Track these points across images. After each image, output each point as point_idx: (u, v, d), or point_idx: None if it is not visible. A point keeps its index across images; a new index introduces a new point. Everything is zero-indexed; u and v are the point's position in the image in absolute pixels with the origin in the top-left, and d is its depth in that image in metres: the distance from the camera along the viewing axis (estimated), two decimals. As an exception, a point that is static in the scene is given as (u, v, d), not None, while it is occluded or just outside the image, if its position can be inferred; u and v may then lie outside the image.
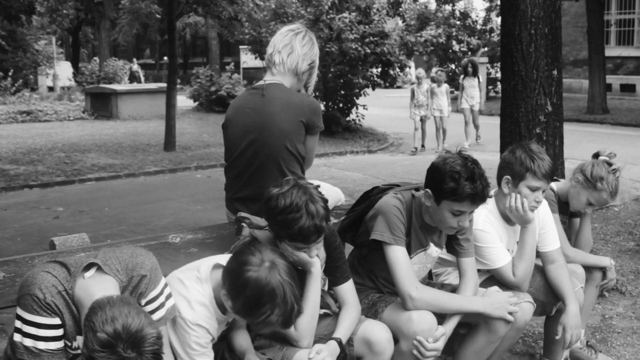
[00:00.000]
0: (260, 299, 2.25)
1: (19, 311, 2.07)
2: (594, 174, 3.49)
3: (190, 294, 2.42)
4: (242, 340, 2.65)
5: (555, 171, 3.35)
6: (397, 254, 2.84)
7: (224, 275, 2.37)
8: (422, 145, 13.90)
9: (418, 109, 13.73)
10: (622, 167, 3.53)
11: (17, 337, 2.07)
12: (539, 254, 3.40)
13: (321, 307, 2.86)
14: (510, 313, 2.93)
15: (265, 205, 2.61)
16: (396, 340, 2.81)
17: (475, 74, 14.01)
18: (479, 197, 2.76)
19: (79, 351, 2.15)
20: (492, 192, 3.26)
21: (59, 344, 2.10)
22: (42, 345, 2.06)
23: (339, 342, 2.67)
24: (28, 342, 2.05)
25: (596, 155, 3.63)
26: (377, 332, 2.73)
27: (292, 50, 3.27)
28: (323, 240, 2.75)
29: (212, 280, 2.45)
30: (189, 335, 2.39)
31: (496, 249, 3.17)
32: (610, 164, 3.53)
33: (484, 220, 3.19)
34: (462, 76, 14.39)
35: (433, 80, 14.26)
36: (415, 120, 13.75)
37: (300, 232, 2.52)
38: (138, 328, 1.81)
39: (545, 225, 3.38)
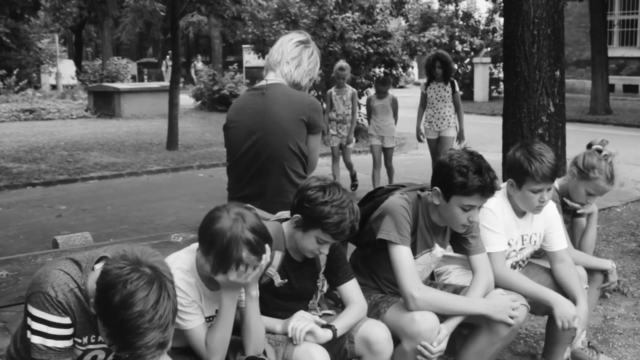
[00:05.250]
0: (227, 248, 2.26)
1: (30, 308, 2.08)
2: (585, 164, 3.49)
3: (174, 261, 2.47)
4: (266, 321, 2.66)
5: (558, 171, 3.35)
6: (401, 253, 2.85)
7: (198, 236, 2.39)
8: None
9: (337, 125, 8.68)
10: (615, 153, 3.49)
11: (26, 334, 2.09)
12: (546, 254, 3.44)
13: (320, 309, 2.90)
14: (511, 317, 2.93)
15: (303, 193, 2.65)
16: (397, 340, 2.82)
17: (447, 78, 8.10)
18: (488, 190, 2.79)
19: (89, 346, 2.19)
20: (502, 185, 3.29)
21: (68, 343, 2.12)
22: (50, 343, 2.07)
23: (334, 331, 2.67)
24: (36, 340, 2.06)
25: (589, 146, 3.64)
26: (377, 332, 2.74)
27: (300, 64, 3.34)
28: None
29: (199, 252, 2.49)
30: None
31: (494, 233, 3.18)
32: (600, 151, 3.53)
33: (496, 204, 3.19)
34: (423, 82, 8.51)
35: (380, 84, 8.78)
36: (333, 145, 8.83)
37: (338, 226, 2.60)
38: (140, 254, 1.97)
39: (553, 225, 3.39)
